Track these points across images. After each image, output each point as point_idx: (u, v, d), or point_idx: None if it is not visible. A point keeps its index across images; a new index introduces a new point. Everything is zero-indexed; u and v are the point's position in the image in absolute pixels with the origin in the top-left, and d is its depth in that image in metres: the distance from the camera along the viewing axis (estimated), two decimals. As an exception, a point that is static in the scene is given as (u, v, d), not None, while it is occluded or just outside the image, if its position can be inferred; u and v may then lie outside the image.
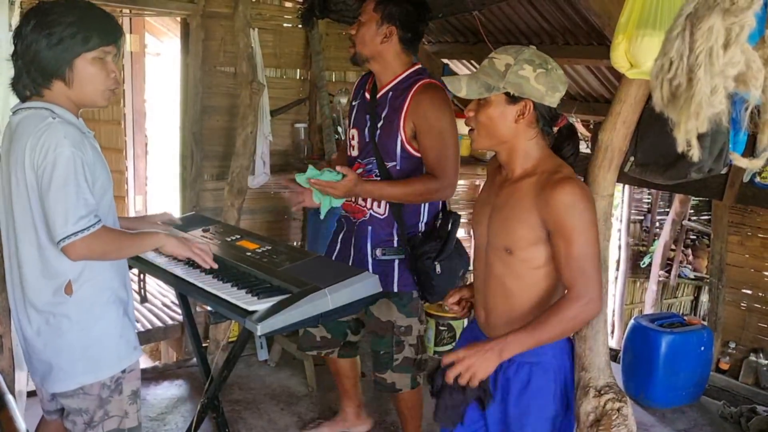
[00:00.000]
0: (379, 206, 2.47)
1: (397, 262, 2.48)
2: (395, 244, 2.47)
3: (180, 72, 3.85)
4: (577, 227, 1.58)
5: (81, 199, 1.69)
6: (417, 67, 2.46)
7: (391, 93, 2.44)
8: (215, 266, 2.08)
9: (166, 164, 5.54)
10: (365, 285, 2.00)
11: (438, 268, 2.39)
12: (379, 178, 2.44)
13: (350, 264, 2.50)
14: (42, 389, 1.99)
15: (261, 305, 1.87)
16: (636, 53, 1.58)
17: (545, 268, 1.69)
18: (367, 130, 2.47)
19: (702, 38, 0.94)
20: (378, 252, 2.47)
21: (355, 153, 2.55)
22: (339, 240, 2.64)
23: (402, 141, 2.40)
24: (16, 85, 1.80)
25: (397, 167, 2.43)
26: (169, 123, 5.38)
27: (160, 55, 6.03)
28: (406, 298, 2.51)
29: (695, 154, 1.01)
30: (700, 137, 1.03)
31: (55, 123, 1.71)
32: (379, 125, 2.44)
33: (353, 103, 2.60)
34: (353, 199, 2.49)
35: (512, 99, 1.64)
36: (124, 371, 1.89)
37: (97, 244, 1.72)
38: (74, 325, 1.81)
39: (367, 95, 2.52)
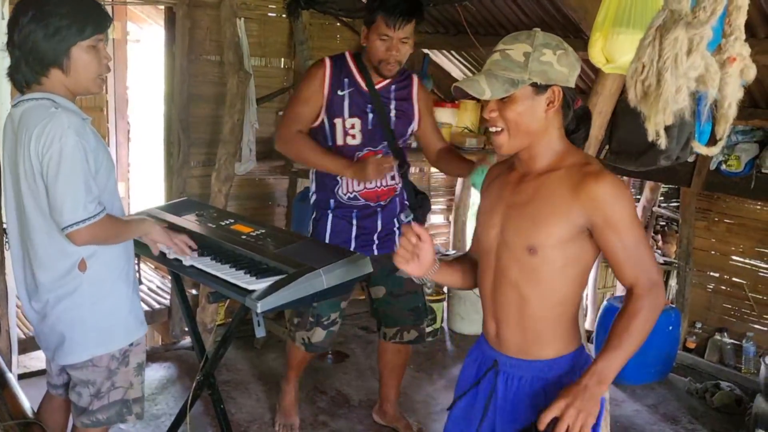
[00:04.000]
0: (398, 179, 2.76)
1: (411, 221, 2.78)
2: (404, 205, 2.80)
3: (165, 60, 3.88)
4: (627, 217, 1.51)
5: (86, 187, 1.78)
6: None
7: (394, 85, 2.66)
8: (192, 255, 2.21)
9: (148, 151, 5.55)
10: (357, 266, 2.11)
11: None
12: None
13: (376, 242, 2.71)
14: (52, 363, 2.08)
15: (259, 284, 1.97)
16: (611, 50, 1.72)
17: (567, 270, 1.57)
18: (370, 118, 2.63)
19: (669, 46, 1.12)
20: (402, 216, 2.73)
21: (357, 141, 2.64)
22: (356, 227, 2.69)
23: (416, 123, 2.76)
24: (15, 75, 1.86)
25: (402, 145, 2.78)
26: (150, 110, 5.39)
27: (139, 41, 6.03)
28: None
29: (662, 142, 1.20)
30: (668, 128, 1.21)
31: (58, 113, 1.78)
32: (391, 113, 2.66)
33: (340, 93, 2.60)
34: (380, 183, 2.67)
35: (539, 88, 1.51)
36: (131, 344, 2.00)
37: (100, 231, 1.83)
38: (87, 299, 1.91)
39: (363, 85, 2.62)
